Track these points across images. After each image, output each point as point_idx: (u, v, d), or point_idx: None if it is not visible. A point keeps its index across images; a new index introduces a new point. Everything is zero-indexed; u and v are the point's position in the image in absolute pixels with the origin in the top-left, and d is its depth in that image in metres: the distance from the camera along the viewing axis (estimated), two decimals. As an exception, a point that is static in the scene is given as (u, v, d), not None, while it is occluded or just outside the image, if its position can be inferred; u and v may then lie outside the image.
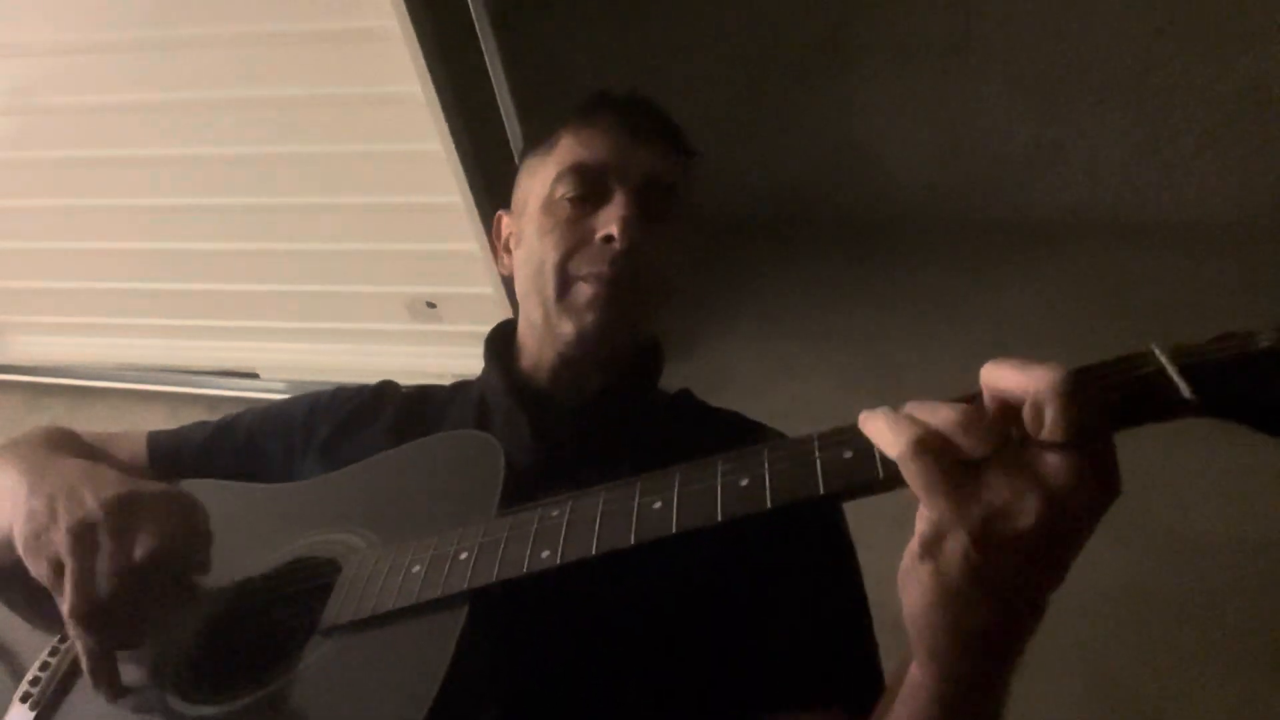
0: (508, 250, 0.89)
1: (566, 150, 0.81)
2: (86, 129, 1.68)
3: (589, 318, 0.76)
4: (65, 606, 0.58)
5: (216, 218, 1.81)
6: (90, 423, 2.14)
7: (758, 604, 0.68)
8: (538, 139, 0.87)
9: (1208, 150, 2.01)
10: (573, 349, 0.78)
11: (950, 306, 2.01)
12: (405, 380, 0.93)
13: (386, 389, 0.89)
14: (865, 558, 0.73)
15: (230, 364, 2.10)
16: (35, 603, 0.66)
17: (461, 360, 1.92)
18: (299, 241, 1.83)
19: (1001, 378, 0.42)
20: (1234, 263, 1.91)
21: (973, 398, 0.44)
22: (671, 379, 0.88)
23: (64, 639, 0.69)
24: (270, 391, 2.08)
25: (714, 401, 0.87)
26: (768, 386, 1.95)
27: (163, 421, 2.16)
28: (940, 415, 0.41)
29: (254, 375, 2.10)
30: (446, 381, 0.92)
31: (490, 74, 1.50)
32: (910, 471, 0.41)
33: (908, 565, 0.43)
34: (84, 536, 0.58)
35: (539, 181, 0.83)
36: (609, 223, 0.76)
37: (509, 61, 1.50)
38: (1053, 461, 0.39)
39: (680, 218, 0.84)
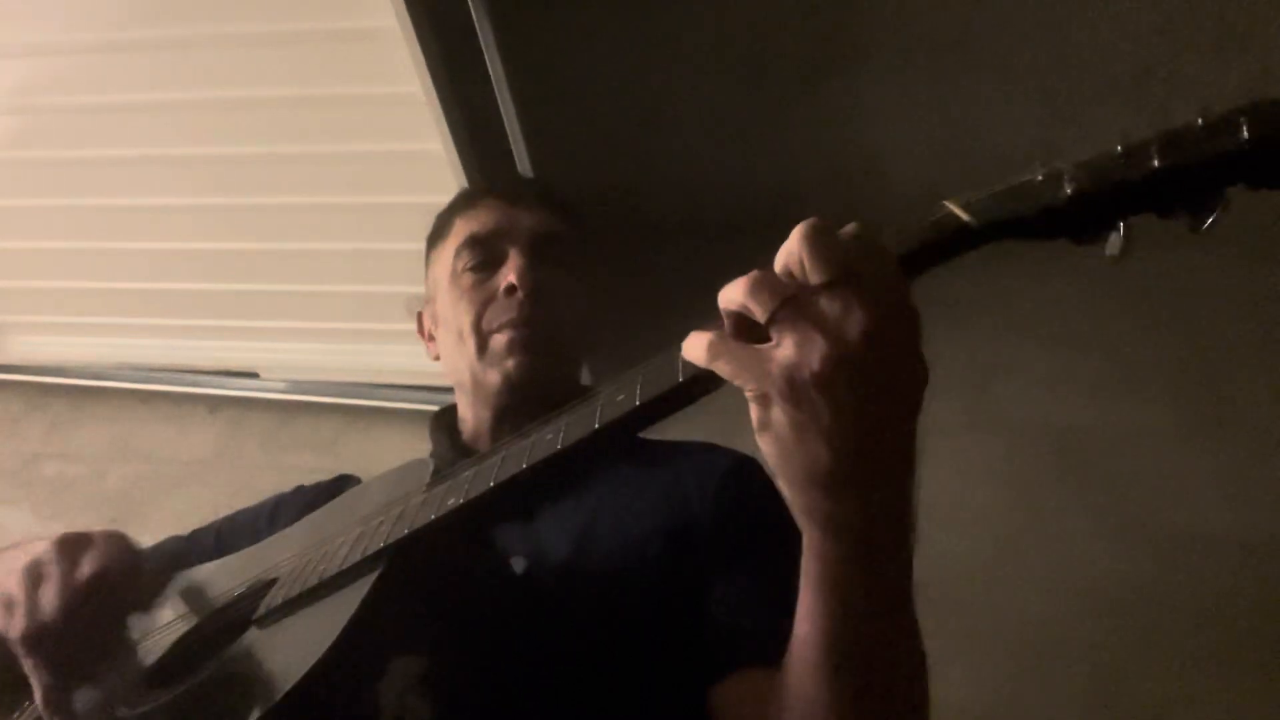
0: (431, 338, 0.99)
1: (459, 230, 0.92)
2: (87, 129, 1.68)
3: (510, 363, 0.83)
4: (14, 633, 0.61)
5: (216, 218, 1.81)
6: (90, 423, 2.15)
7: (703, 580, 0.71)
8: (434, 234, 0.98)
9: (1208, 150, 2.00)
10: (503, 398, 0.85)
11: (950, 305, 2.00)
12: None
13: (345, 480, 0.95)
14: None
15: (230, 364, 2.10)
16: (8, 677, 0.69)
17: (461, 360, 1.92)
18: (299, 241, 1.83)
19: (778, 256, 0.46)
20: (1234, 261, 1.91)
21: None
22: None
23: (31, 699, 0.70)
24: (270, 391, 2.07)
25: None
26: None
27: (163, 421, 2.17)
28: (731, 291, 0.46)
29: (254, 375, 2.10)
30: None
31: (490, 74, 1.50)
32: (719, 369, 0.46)
33: (760, 445, 0.46)
34: (32, 571, 0.62)
35: (442, 264, 0.93)
36: (508, 275, 0.85)
37: (509, 61, 1.50)
38: (824, 302, 0.43)
39: (579, 266, 0.92)
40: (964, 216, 0.48)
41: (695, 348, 0.47)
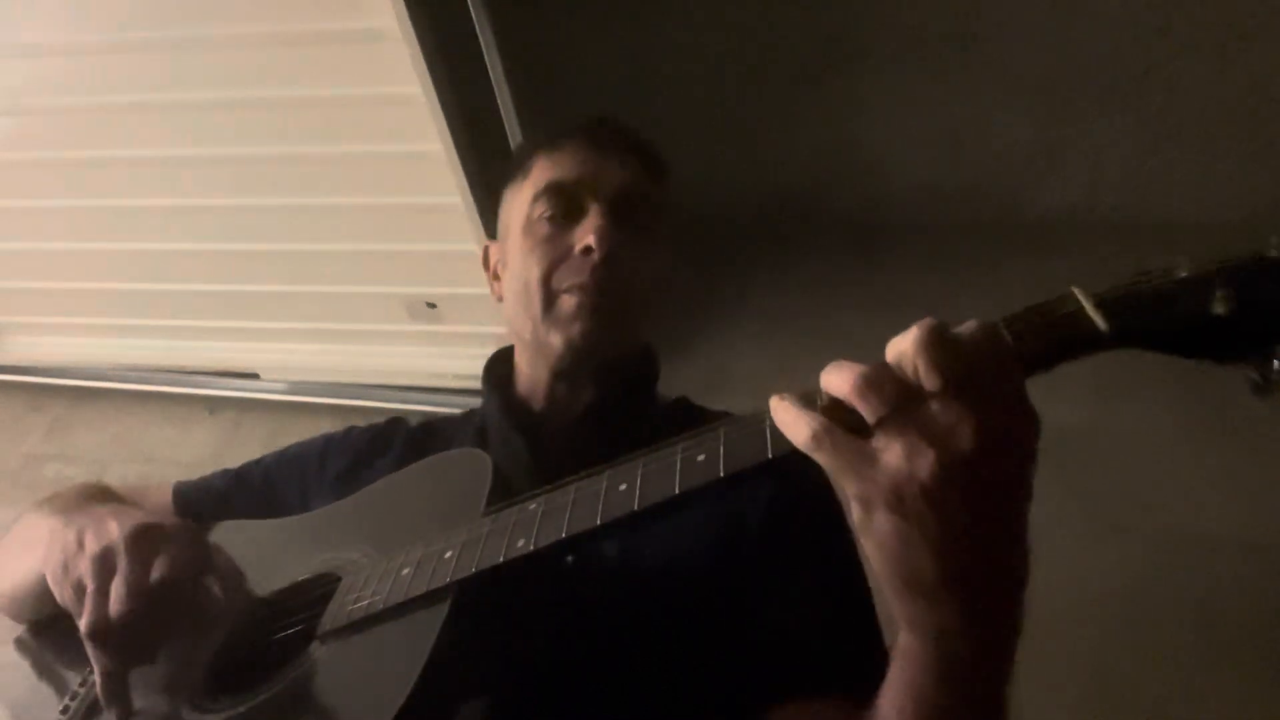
0: (497, 277, 0.93)
1: (540, 173, 0.85)
2: (86, 129, 1.68)
3: (575, 328, 0.79)
4: (83, 623, 0.61)
5: (217, 218, 1.81)
6: (90, 423, 2.15)
7: (755, 593, 0.70)
8: (514, 168, 0.91)
9: (1208, 150, 2.01)
10: (563, 362, 0.81)
11: (951, 307, 1.99)
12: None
13: (396, 424, 0.93)
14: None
15: (230, 364, 2.10)
16: (70, 646, 0.69)
17: (461, 360, 1.92)
18: (299, 241, 1.83)
19: (890, 347, 0.44)
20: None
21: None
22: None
23: (91, 672, 0.71)
24: (270, 392, 2.07)
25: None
26: (768, 386, 1.94)
27: (163, 422, 2.17)
28: (839, 380, 0.43)
29: (254, 375, 2.10)
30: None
31: (490, 74, 1.50)
32: (818, 459, 0.43)
33: (862, 544, 0.44)
34: (105, 560, 0.62)
35: (518, 206, 0.87)
36: (586, 235, 0.79)
37: (509, 61, 1.50)
38: (936, 410, 0.41)
39: (660, 229, 0.87)
40: (1098, 321, 0.42)
41: (796, 429, 0.44)
